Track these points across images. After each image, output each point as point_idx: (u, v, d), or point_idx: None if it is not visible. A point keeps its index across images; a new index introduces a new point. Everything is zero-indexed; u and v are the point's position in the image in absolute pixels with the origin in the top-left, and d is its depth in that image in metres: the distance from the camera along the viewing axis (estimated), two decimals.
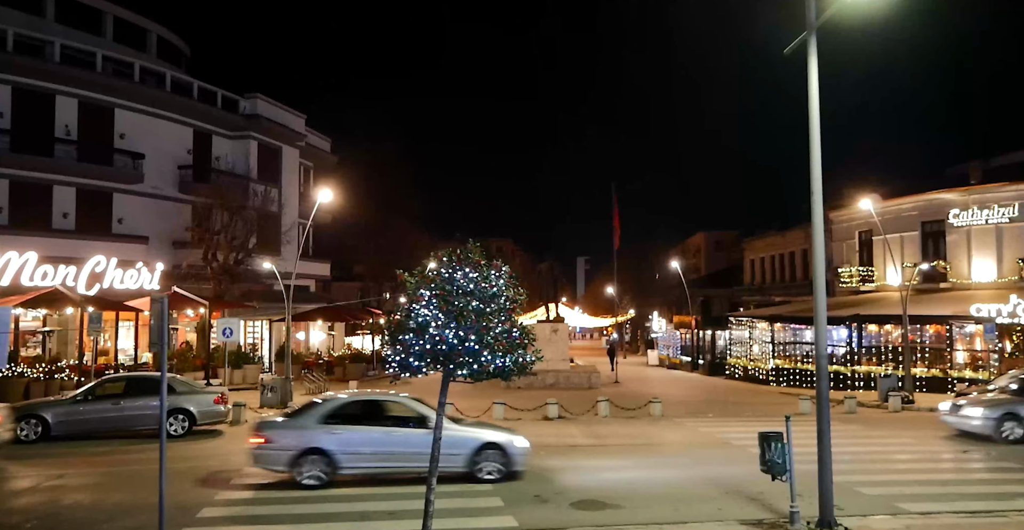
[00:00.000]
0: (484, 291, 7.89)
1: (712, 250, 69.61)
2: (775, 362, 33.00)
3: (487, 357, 7.85)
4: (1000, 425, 15.79)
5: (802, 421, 19.97)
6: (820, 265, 8.77)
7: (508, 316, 8.04)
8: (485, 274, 8.00)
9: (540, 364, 29.06)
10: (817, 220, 8.66)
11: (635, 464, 13.98)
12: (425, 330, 7.82)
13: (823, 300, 8.94)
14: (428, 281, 7.93)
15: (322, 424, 12.07)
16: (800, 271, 45.58)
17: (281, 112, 36.89)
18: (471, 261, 7.94)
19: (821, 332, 8.95)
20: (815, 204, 8.60)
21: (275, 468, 12.09)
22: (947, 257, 31.95)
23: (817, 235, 8.66)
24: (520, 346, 8.10)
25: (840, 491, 10.06)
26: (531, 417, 19.94)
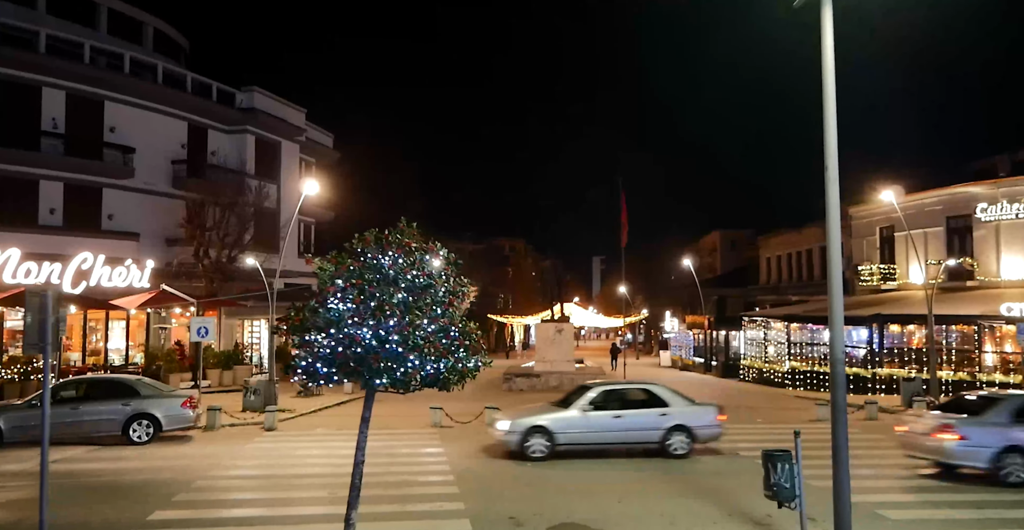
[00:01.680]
0: (414, 280, 6.64)
1: (727, 249, 68.10)
2: (791, 364, 31.56)
3: (414, 362, 6.58)
4: None
5: (818, 429, 18.87)
6: (836, 258, 7.49)
7: (446, 312, 6.79)
8: (415, 259, 6.72)
9: (544, 366, 28.00)
10: (833, 203, 7.37)
11: (630, 478, 12.69)
12: (338, 328, 6.53)
13: (839, 300, 7.66)
14: (344, 267, 6.68)
15: None
16: (817, 269, 43.99)
17: (280, 106, 35.90)
18: (399, 243, 6.69)
19: (837, 335, 7.65)
20: (830, 185, 7.30)
21: None
22: (974, 253, 30.36)
23: (832, 224, 7.38)
24: (460, 349, 6.82)
25: (860, 515, 8.77)
26: None
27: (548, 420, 14.21)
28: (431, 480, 12.20)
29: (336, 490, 11.24)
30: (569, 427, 14.17)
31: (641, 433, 14.45)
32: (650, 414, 14.57)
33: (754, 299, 51.53)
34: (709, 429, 14.78)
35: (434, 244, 6.90)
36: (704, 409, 15.16)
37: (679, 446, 14.41)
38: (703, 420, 14.79)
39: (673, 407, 14.74)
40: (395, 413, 21.49)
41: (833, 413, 7.42)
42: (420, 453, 14.81)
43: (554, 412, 14.58)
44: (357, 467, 7.26)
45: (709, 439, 14.93)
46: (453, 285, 6.92)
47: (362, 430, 7.35)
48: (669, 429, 14.44)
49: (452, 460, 13.95)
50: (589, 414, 14.41)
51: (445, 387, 6.97)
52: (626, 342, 68.19)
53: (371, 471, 12.74)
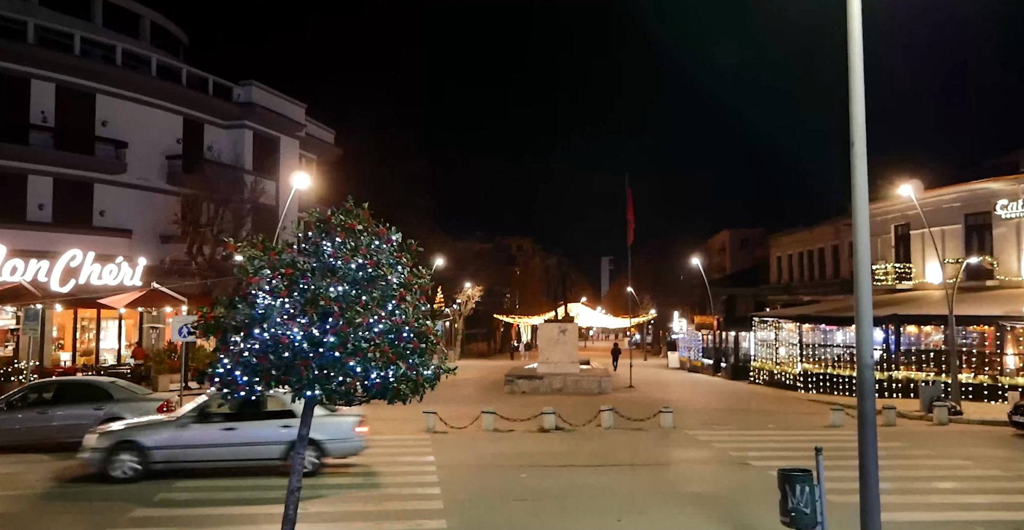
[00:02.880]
0: (360, 271, 5.70)
1: (737, 248, 67.22)
2: (803, 366, 30.50)
3: (355, 369, 5.62)
4: None
5: (834, 436, 17.90)
6: (863, 248, 6.54)
7: (397, 308, 5.85)
8: (362, 244, 5.77)
9: (547, 367, 26.94)
10: (860, 185, 6.42)
11: (626, 493, 11.73)
12: (263, 328, 5.58)
13: (868, 296, 6.72)
14: (273, 254, 5.75)
15: None
16: (830, 268, 42.91)
17: (279, 101, 35.12)
18: (342, 225, 5.75)
19: (866, 336, 6.68)
20: (857, 163, 6.35)
21: None
22: (994, 252, 29.24)
23: (860, 210, 6.43)
24: (414, 353, 5.88)
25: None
26: (525, 428, 17.77)
27: (140, 434, 12.17)
28: (415, 493, 11.29)
29: (308, 505, 10.35)
30: (167, 442, 12.12)
31: (259, 448, 12.30)
32: (271, 426, 12.38)
33: (765, 299, 50.46)
34: (345, 443, 12.77)
35: (386, 227, 5.97)
36: (339, 419, 12.81)
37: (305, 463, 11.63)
38: (337, 432, 12.69)
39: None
40: (386, 417, 20.56)
41: (861, 426, 6.46)
42: (407, 462, 13.91)
43: (151, 425, 12.61)
44: (291, 496, 6.29)
45: (347, 454, 13.06)
46: (408, 276, 5.99)
47: (298, 451, 6.36)
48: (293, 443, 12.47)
49: (441, 470, 13.05)
50: (193, 426, 12.30)
51: (397, 399, 6.03)
52: (634, 343, 67.22)
53: (350, 482, 11.91)
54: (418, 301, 6.06)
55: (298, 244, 5.90)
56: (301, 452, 6.42)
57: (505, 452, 15.02)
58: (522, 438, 16.77)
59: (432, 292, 58.87)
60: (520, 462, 13.84)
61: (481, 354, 64.32)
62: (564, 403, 22.90)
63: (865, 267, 6.66)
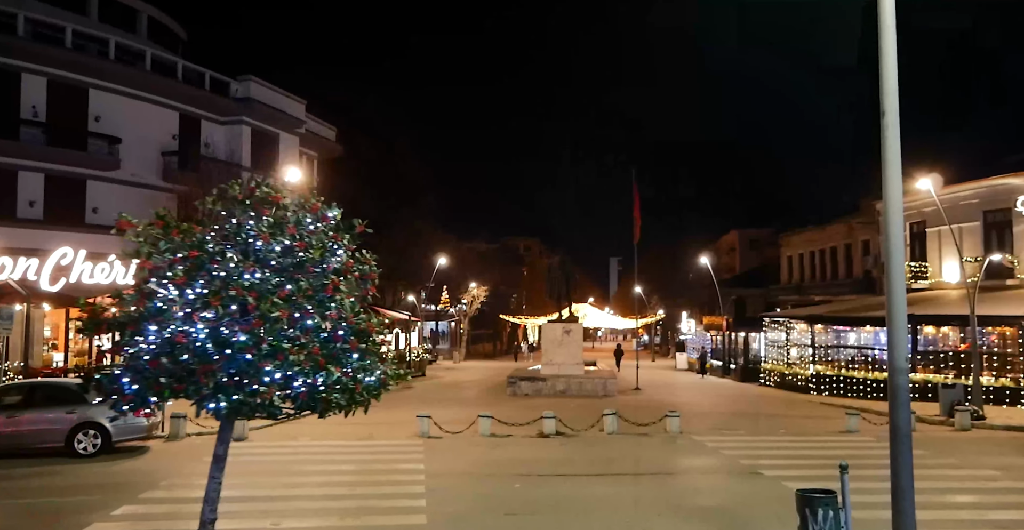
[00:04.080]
0: (287, 255, 4.86)
1: (746, 248, 66.20)
2: (815, 368, 29.55)
3: (273, 375, 4.76)
4: None
5: (850, 442, 16.93)
6: (896, 232, 5.70)
7: (330, 300, 4.99)
8: (289, 222, 4.92)
9: (550, 369, 25.95)
10: (892, 160, 5.57)
11: (628, 506, 10.87)
12: (161, 325, 4.73)
13: (901, 288, 5.90)
14: (175, 232, 4.91)
15: None
16: (842, 267, 41.89)
17: (278, 96, 34.40)
18: (264, 199, 4.91)
19: (899, 333, 5.82)
20: (889, 133, 5.50)
21: None
22: (1014, 250, 28.20)
23: (892, 185, 5.58)
24: (353, 356, 5.01)
25: None
26: (524, 433, 16.93)
27: None
28: (399, 505, 10.46)
29: (281, 520, 9.55)
30: None
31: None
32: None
33: (775, 299, 49.44)
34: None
35: (319, 202, 5.14)
36: None
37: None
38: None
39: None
40: (381, 421, 19.79)
41: (893, 439, 5.59)
42: (395, 470, 13.08)
43: None
44: (204, 527, 5.45)
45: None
46: (346, 262, 5.13)
47: (213, 475, 5.51)
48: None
49: (430, 479, 12.22)
50: None
51: (329, 411, 5.17)
52: (642, 344, 66.22)
53: (330, 493, 11.09)
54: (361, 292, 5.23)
55: (213, 221, 5.04)
56: None
57: (501, 459, 14.20)
58: (520, 444, 15.93)
59: (435, 291, 58.17)
60: (516, 470, 13.02)
61: (487, 355, 63.53)
62: (567, 406, 22.08)
63: (898, 250, 5.84)
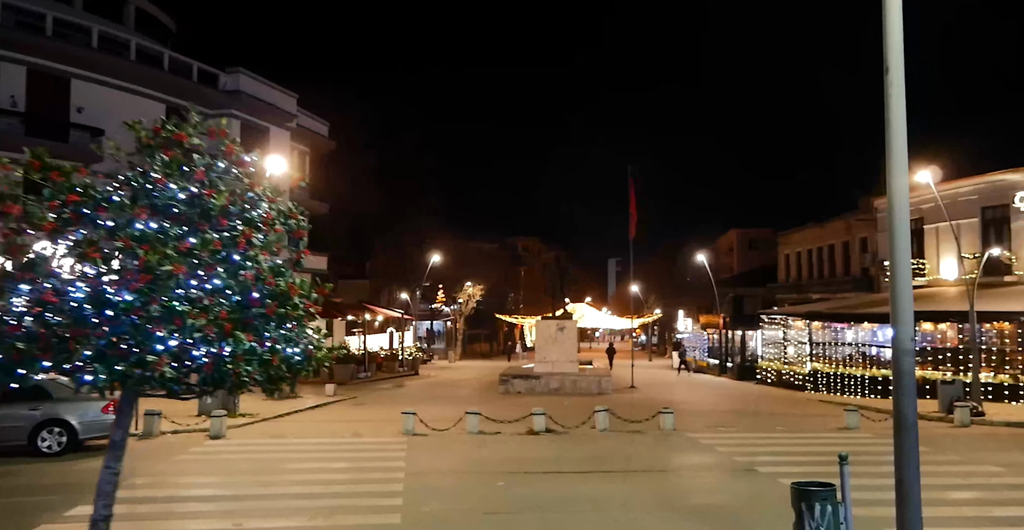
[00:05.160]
0: (195, 204, 4.31)
1: (745, 248, 65.74)
2: (813, 365, 29.08)
3: (167, 343, 4.18)
4: None
5: (849, 440, 16.33)
6: (901, 206, 5.19)
7: (245, 258, 4.43)
8: (197, 166, 4.36)
9: (544, 367, 25.36)
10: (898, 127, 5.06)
11: (617, 505, 10.34)
12: (33, 283, 4.14)
13: (906, 270, 5.38)
14: (55, 175, 4.36)
15: None
16: (840, 265, 41.44)
17: (268, 89, 33.85)
18: (170, 139, 4.38)
19: (905, 312, 5.30)
20: (893, 94, 4.99)
21: None
22: (1012, 246, 27.77)
23: (898, 153, 5.06)
24: (270, 324, 4.44)
25: None
26: (513, 430, 16.38)
27: None
28: (373, 504, 9.91)
29: (245, 520, 9.01)
30: None
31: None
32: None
33: (773, 298, 49.00)
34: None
35: (234, 143, 4.61)
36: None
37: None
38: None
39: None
40: (368, 419, 19.33)
41: (897, 430, 5.07)
42: (374, 468, 12.52)
43: None
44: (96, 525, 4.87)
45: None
46: (265, 214, 4.58)
47: (107, 464, 4.87)
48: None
49: (409, 478, 11.68)
50: None
51: (241, 387, 4.60)
52: (639, 344, 65.79)
53: (304, 492, 10.53)
54: (293, 256, 4.67)
55: None
56: None
57: (486, 457, 13.66)
58: (508, 441, 15.39)
59: (430, 290, 57.62)
60: (501, 468, 12.48)
61: (483, 355, 62.99)
62: (560, 404, 21.57)
63: (903, 220, 5.30)
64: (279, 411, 19.83)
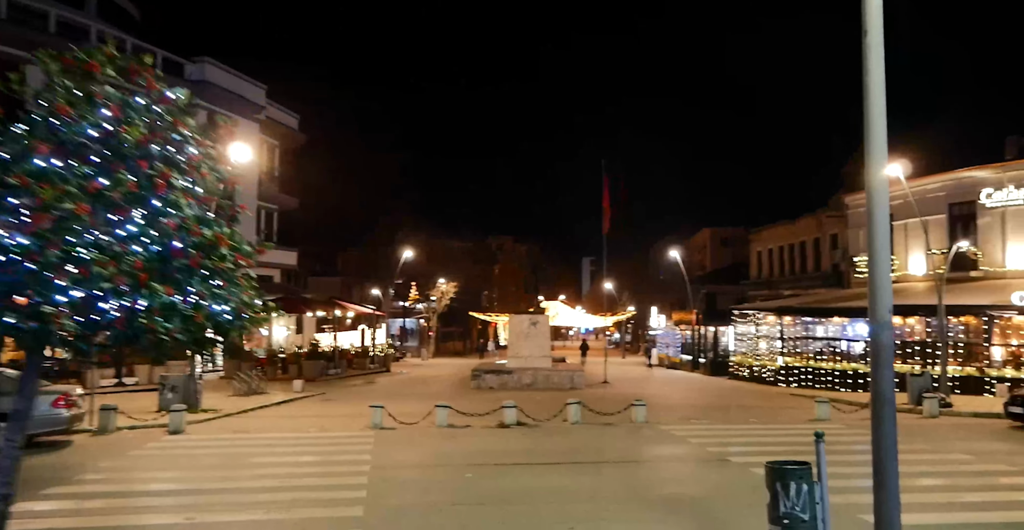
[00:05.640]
0: (107, 142, 3.96)
1: (718, 246, 66.10)
2: (784, 360, 29.20)
3: (69, 293, 3.79)
4: None
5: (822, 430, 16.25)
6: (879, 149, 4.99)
7: (165, 202, 4.08)
8: (112, 99, 4.00)
9: (517, 361, 25.07)
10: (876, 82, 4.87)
11: (587, 496, 10.13)
12: None
13: (884, 226, 5.19)
14: None
15: None
16: (811, 262, 41.79)
17: (236, 80, 33.17)
18: (82, 69, 4.03)
19: (883, 281, 5.13)
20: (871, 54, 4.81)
21: None
22: (978, 242, 28.12)
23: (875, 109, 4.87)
24: (194, 277, 4.09)
25: None
26: (483, 424, 16.11)
27: None
28: (336, 497, 9.58)
29: (199, 514, 8.63)
30: None
31: None
32: None
33: (745, 295, 49.31)
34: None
35: (156, 78, 4.27)
36: None
37: None
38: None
39: None
40: (336, 414, 18.92)
41: (876, 405, 4.88)
42: (339, 462, 12.18)
43: None
44: None
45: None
46: (194, 156, 4.24)
47: (8, 438, 4.42)
48: None
49: (375, 471, 11.35)
50: None
51: (160, 350, 4.24)
52: (613, 341, 65.86)
53: (263, 485, 10.14)
54: (229, 212, 4.34)
55: None
56: None
57: (455, 450, 13.38)
58: (478, 434, 15.11)
59: (404, 287, 57.12)
60: (470, 461, 12.20)
61: (456, 353, 62.59)
62: (532, 399, 21.33)
63: (881, 189, 5.11)
64: (244, 407, 19.35)
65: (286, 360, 30.96)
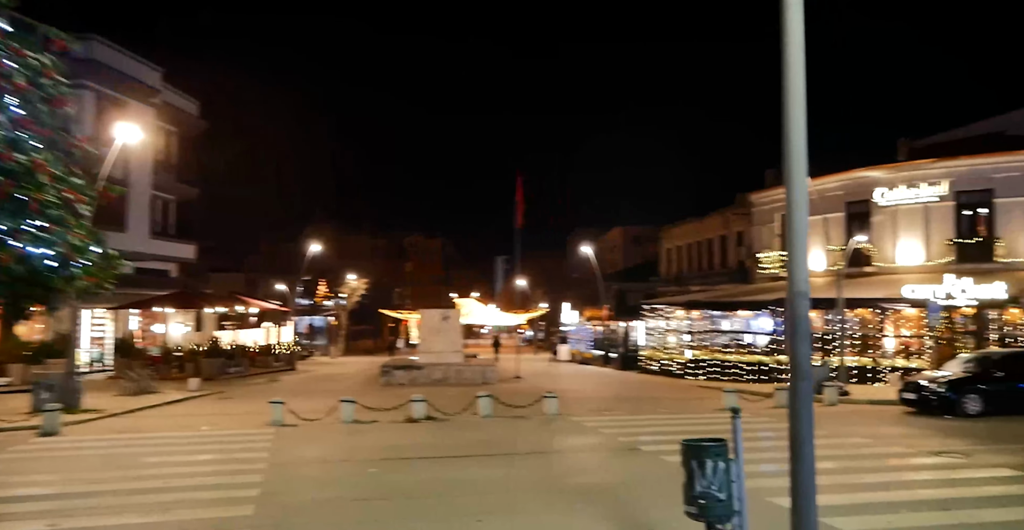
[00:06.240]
0: None
1: (630, 245, 67.33)
2: (692, 353, 29.71)
3: None
4: None
5: (728, 419, 16.46)
6: (798, 107, 4.79)
7: None
8: None
9: (428, 357, 24.41)
10: (794, 28, 4.65)
11: (498, 488, 9.74)
12: None
13: (804, 196, 5.01)
14: None
15: None
16: (718, 258, 42.87)
17: (128, 61, 31.10)
18: None
19: (799, 252, 4.94)
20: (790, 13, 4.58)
21: None
22: (872, 239, 29.42)
23: (794, 53, 4.65)
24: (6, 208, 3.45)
25: None
26: (391, 418, 15.49)
27: None
28: (228, 496, 8.82)
29: (64, 520, 7.74)
30: None
31: None
32: None
33: (655, 291, 50.15)
34: None
35: None
36: None
37: None
38: None
39: None
40: (233, 412, 17.88)
41: (794, 377, 4.68)
42: (232, 460, 11.34)
43: None
44: None
45: None
46: None
47: None
48: None
49: (272, 468, 10.60)
50: None
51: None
52: (526, 339, 65.96)
53: (144, 487, 9.25)
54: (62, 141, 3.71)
55: None
56: None
57: (361, 445, 12.73)
58: (385, 429, 14.50)
59: (312, 284, 55.45)
60: (376, 456, 11.60)
61: (367, 351, 61.14)
62: (444, 394, 20.80)
63: (800, 154, 4.91)
64: (131, 406, 18.00)
65: (182, 358, 29.27)
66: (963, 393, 16.53)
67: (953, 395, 16.54)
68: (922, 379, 18.00)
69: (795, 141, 4.86)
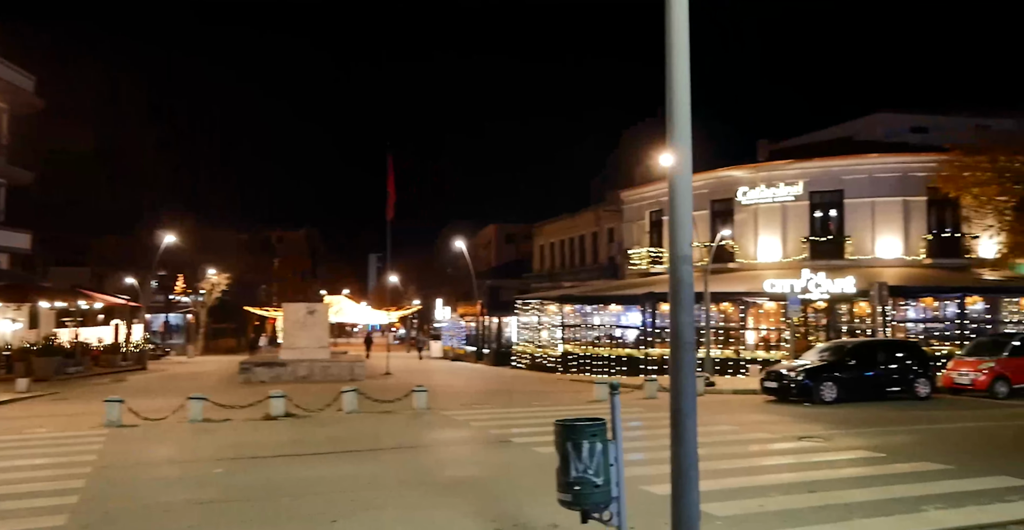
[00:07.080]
0: None
1: (503, 242, 67.42)
2: (564, 348, 29.85)
3: None
4: None
5: (602, 410, 16.22)
6: (681, 91, 4.43)
7: None
8: None
9: (292, 353, 22.97)
10: None
11: (360, 485, 9.00)
12: None
13: (687, 165, 4.64)
14: None
15: None
16: (590, 254, 43.57)
17: None
18: None
19: (683, 219, 4.59)
20: None
21: None
22: (735, 236, 30.67)
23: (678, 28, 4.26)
24: None
25: None
26: (246, 416, 14.29)
27: None
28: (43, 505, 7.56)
29: None
30: None
31: None
32: None
33: (528, 287, 50.40)
34: None
35: None
36: None
37: None
38: None
39: None
40: (64, 413, 16.00)
41: (675, 349, 4.31)
42: (54, 465, 9.93)
43: None
44: None
45: None
46: None
47: None
48: None
49: (99, 471, 9.33)
50: None
51: None
52: (399, 337, 64.79)
53: None
54: None
55: None
56: None
57: (208, 444, 11.56)
58: (238, 428, 13.32)
59: (170, 279, 51.73)
60: (225, 455, 10.52)
61: (229, 350, 57.78)
62: (307, 391, 19.63)
63: (684, 132, 4.55)
64: None
65: (12, 357, 26.25)
66: (819, 381, 17.32)
67: (810, 383, 17.30)
68: (782, 368, 18.74)
69: (679, 99, 4.49)
